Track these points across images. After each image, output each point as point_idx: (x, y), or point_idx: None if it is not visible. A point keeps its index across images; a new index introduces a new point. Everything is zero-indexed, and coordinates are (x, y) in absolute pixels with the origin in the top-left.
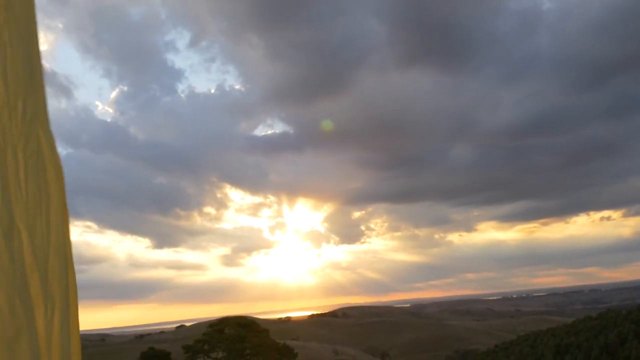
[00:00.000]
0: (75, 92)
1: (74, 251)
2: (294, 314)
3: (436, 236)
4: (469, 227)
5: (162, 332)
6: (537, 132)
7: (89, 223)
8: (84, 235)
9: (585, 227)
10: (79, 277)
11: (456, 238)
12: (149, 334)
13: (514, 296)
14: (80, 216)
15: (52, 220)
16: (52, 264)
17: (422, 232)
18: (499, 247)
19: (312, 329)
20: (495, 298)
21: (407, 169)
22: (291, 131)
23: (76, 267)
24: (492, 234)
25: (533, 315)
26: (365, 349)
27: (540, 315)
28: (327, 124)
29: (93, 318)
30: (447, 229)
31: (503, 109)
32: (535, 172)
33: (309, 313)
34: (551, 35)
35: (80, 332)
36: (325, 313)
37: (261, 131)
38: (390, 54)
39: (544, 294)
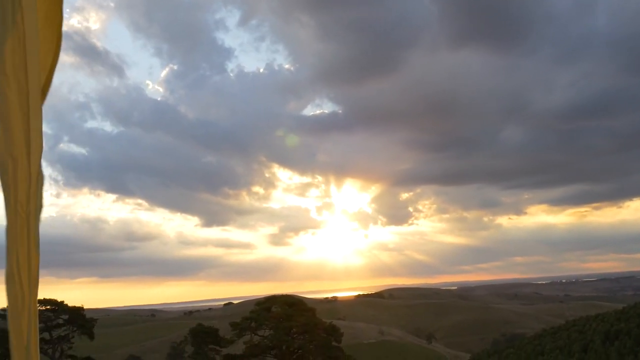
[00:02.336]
0: (127, 70)
1: (127, 228)
2: (340, 294)
3: (485, 219)
4: (518, 210)
5: (210, 309)
6: (591, 114)
7: (139, 201)
8: (135, 213)
9: (638, 211)
10: (130, 254)
11: (505, 221)
12: (198, 311)
13: (564, 281)
14: (131, 194)
15: None
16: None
17: (470, 215)
18: (549, 231)
19: (359, 309)
20: (544, 282)
21: (457, 151)
22: (340, 111)
23: (127, 244)
24: (543, 217)
25: (582, 300)
26: (411, 330)
27: (589, 301)
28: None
29: (143, 294)
30: (497, 211)
31: (557, 90)
32: (588, 155)
33: (356, 293)
34: (608, 16)
35: (131, 307)
36: (371, 294)
37: (310, 111)
38: (442, 34)
39: (594, 279)
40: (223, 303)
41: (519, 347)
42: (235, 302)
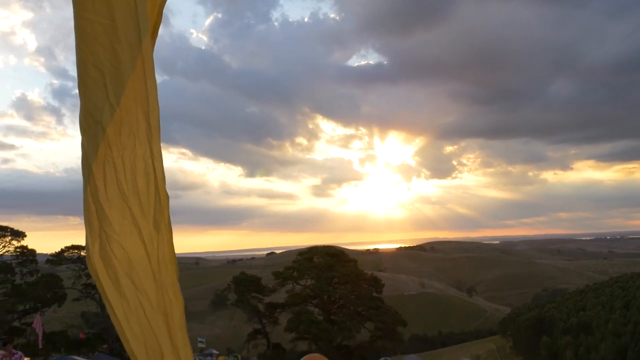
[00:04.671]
0: (172, 18)
1: (171, 177)
2: (382, 246)
3: (530, 174)
4: (564, 166)
5: (253, 258)
6: None
7: (183, 150)
8: (179, 162)
9: None
10: (174, 203)
11: (551, 176)
12: (240, 259)
13: (608, 237)
14: (175, 143)
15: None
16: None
17: (515, 169)
18: (595, 187)
19: (400, 262)
20: (588, 239)
21: (503, 104)
22: (385, 62)
23: (171, 192)
24: (589, 173)
25: (626, 257)
26: (452, 283)
27: (633, 258)
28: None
29: (187, 242)
30: (542, 166)
31: (609, 42)
32: (639, 110)
33: (397, 246)
34: None
35: (176, 255)
36: (413, 246)
37: (355, 61)
38: None
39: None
40: (265, 253)
41: (560, 302)
42: (277, 252)
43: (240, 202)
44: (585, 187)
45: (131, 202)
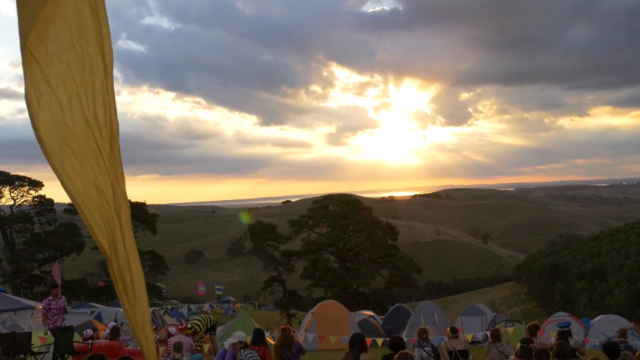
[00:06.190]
0: None
1: (186, 126)
2: (397, 194)
3: (546, 120)
4: (581, 112)
5: (268, 207)
6: None
7: (198, 99)
8: (194, 111)
9: None
10: (190, 151)
11: (567, 123)
12: (256, 208)
13: (624, 183)
14: (189, 92)
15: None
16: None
17: (531, 116)
18: (612, 133)
19: (415, 209)
20: (604, 185)
21: (520, 50)
22: (401, 7)
23: (187, 142)
24: (606, 119)
25: None
26: (468, 230)
27: None
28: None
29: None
30: (558, 113)
31: None
32: None
33: (412, 193)
34: None
35: (192, 204)
36: (428, 194)
37: (370, 7)
38: None
39: None
40: (281, 201)
41: (575, 248)
42: (293, 200)
43: (256, 150)
44: (601, 133)
45: (92, 126)
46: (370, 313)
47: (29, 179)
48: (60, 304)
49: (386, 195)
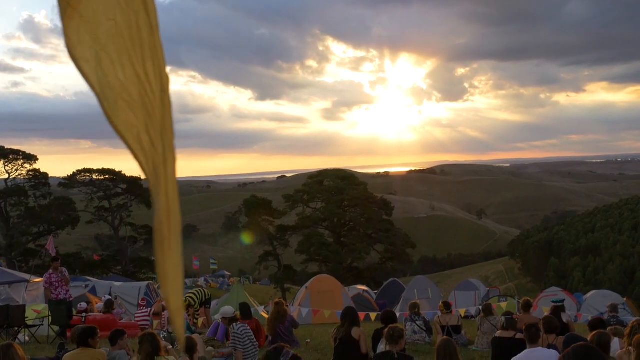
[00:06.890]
0: None
1: (181, 100)
2: (392, 170)
3: (542, 96)
4: (577, 88)
5: (263, 182)
6: None
7: (193, 73)
8: (189, 86)
9: None
10: (185, 126)
11: (563, 98)
12: (251, 183)
13: (619, 160)
14: (184, 66)
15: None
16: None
17: (527, 92)
18: (608, 109)
19: (410, 185)
20: (599, 161)
21: (517, 25)
22: None
23: (182, 116)
24: (602, 95)
25: (637, 179)
26: (462, 206)
27: None
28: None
29: (198, 166)
30: (554, 89)
31: None
32: None
33: (408, 169)
34: None
35: (187, 179)
36: (423, 170)
37: None
38: None
39: None
40: (276, 176)
41: (570, 224)
42: (288, 175)
43: (251, 125)
44: (597, 109)
45: (143, 80)
46: (365, 288)
47: (24, 152)
48: (62, 275)
49: (381, 170)
